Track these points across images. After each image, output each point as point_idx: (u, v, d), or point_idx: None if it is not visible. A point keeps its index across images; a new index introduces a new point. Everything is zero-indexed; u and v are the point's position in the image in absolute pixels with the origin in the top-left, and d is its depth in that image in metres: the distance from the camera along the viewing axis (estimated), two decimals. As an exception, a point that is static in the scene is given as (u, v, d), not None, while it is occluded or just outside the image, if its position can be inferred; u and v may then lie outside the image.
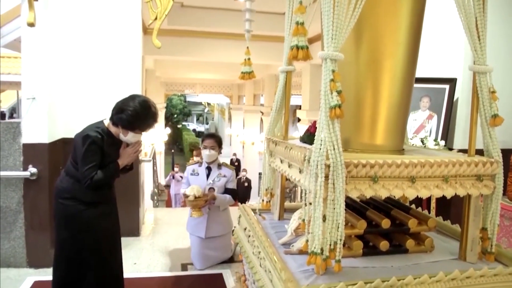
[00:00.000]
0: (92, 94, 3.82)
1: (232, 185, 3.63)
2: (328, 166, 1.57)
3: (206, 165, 3.61)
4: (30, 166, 3.29)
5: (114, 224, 2.60)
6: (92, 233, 2.43)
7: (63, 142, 3.69)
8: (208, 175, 3.58)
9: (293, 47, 1.72)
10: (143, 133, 2.48)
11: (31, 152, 3.30)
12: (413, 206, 2.31)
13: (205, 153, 3.55)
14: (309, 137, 1.99)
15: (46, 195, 3.36)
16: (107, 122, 2.47)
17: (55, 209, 2.47)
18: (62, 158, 3.67)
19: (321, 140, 1.60)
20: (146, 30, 6.34)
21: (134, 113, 2.35)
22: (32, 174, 3.28)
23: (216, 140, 3.59)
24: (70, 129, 3.71)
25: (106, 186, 2.50)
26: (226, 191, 3.57)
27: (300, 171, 1.78)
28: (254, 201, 2.61)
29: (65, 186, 2.42)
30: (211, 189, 3.51)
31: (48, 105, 3.40)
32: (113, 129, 2.45)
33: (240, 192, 11.30)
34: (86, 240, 2.41)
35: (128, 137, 2.44)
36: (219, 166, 3.63)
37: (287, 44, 2.22)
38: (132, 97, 2.43)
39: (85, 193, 2.39)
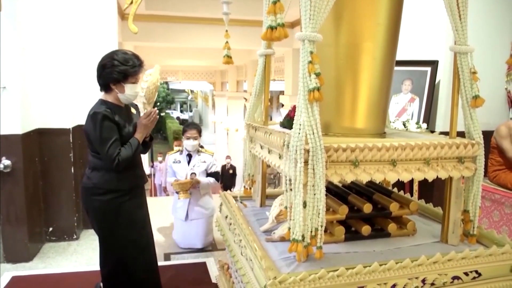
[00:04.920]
0: (67, 83, 3.69)
1: (214, 168, 3.85)
2: (307, 151, 1.53)
3: (187, 152, 3.80)
4: (3, 158, 3.17)
5: (147, 213, 2.51)
6: (132, 225, 2.32)
7: (38, 132, 3.57)
8: (189, 162, 3.78)
9: (267, 28, 1.66)
10: (137, 82, 2.31)
11: (4, 144, 3.18)
12: (395, 189, 2.29)
13: (189, 143, 3.72)
14: (288, 122, 1.94)
15: (22, 188, 3.26)
16: (103, 97, 2.32)
17: (91, 208, 2.30)
18: (37, 149, 3.56)
19: (300, 125, 1.55)
20: (124, 16, 6.17)
21: (117, 61, 2.20)
22: (5, 167, 3.16)
23: (198, 130, 3.78)
24: (45, 119, 3.61)
25: (137, 167, 2.37)
26: (210, 175, 3.80)
27: (280, 157, 1.74)
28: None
29: (96, 181, 2.25)
30: (193, 174, 3.69)
31: (21, 94, 3.27)
32: (111, 97, 2.28)
33: (225, 180, 11.26)
34: (128, 234, 2.31)
35: (127, 91, 2.25)
36: (199, 152, 3.83)
37: (265, 26, 2.15)
38: (104, 55, 2.28)
39: (122, 181, 2.25)
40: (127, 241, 2.33)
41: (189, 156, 3.79)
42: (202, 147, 3.90)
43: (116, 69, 2.19)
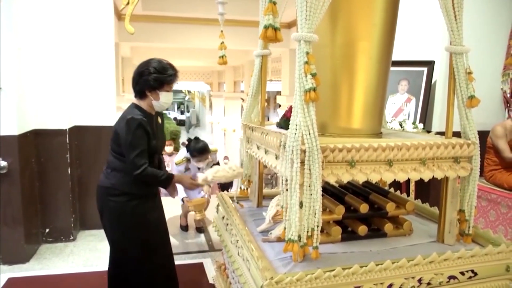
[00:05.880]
0: (64, 83, 3.68)
1: (216, 161, 4.20)
2: (303, 151, 1.53)
3: None
4: (0, 159, 3.16)
5: (162, 214, 2.48)
6: (145, 227, 2.31)
7: (35, 133, 3.55)
8: (198, 168, 3.95)
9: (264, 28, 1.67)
10: (171, 91, 2.32)
11: (0, 145, 3.17)
12: (391, 189, 2.30)
13: (200, 165, 3.85)
14: (285, 122, 1.94)
15: (18, 189, 3.24)
16: (137, 102, 2.32)
17: (106, 208, 2.30)
18: (33, 150, 3.55)
19: (296, 125, 1.55)
20: (120, 16, 6.17)
21: (154, 69, 2.22)
22: (2, 168, 3.15)
23: (208, 151, 3.86)
24: (42, 120, 3.60)
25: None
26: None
27: (277, 157, 1.74)
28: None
29: (114, 182, 2.26)
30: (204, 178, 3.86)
31: (17, 95, 3.25)
32: (144, 104, 2.30)
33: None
34: (139, 235, 2.30)
35: (162, 99, 2.27)
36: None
37: (261, 27, 2.16)
38: (141, 63, 2.31)
39: (137, 186, 2.25)
40: (139, 241, 2.32)
41: None
42: None
43: (153, 77, 2.22)
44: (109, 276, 2.46)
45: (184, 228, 4.25)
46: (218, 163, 4.17)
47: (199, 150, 3.81)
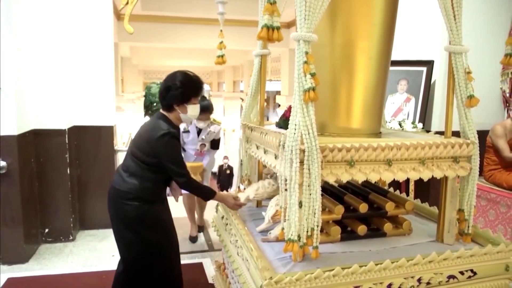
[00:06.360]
0: (63, 83, 3.68)
1: (218, 136, 4.05)
2: (303, 151, 1.53)
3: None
4: (-1, 159, 3.17)
5: (171, 217, 2.48)
6: (158, 229, 2.33)
7: (34, 133, 3.55)
8: (198, 133, 3.86)
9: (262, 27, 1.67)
10: (198, 103, 2.35)
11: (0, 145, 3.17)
12: (391, 189, 2.30)
13: (201, 124, 3.78)
14: (284, 122, 1.94)
15: (17, 189, 3.24)
16: (166, 114, 2.33)
17: (119, 211, 2.30)
18: (33, 150, 3.55)
19: (296, 125, 1.55)
20: (119, 16, 6.17)
21: (181, 83, 2.24)
22: (1, 168, 3.14)
23: (210, 111, 3.80)
24: (41, 120, 3.59)
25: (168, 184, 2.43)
26: (212, 142, 3.99)
27: (276, 157, 1.74)
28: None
29: (132, 187, 2.26)
30: (202, 145, 3.89)
31: (16, 95, 3.25)
32: (172, 116, 2.31)
33: (223, 180, 11.25)
34: (153, 238, 2.31)
35: (189, 112, 2.29)
36: (209, 124, 3.89)
37: (260, 26, 2.16)
38: (168, 77, 2.32)
39: (152, 193, 2.30)
40: (151, 245, 2.32)
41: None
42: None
43: (180, 91, 2.24)
44: (118, 278, 2.44)
45: (193, 239, 4.00)
46: (219, 140, 4.05)
47: (201, 106, 3.78)
